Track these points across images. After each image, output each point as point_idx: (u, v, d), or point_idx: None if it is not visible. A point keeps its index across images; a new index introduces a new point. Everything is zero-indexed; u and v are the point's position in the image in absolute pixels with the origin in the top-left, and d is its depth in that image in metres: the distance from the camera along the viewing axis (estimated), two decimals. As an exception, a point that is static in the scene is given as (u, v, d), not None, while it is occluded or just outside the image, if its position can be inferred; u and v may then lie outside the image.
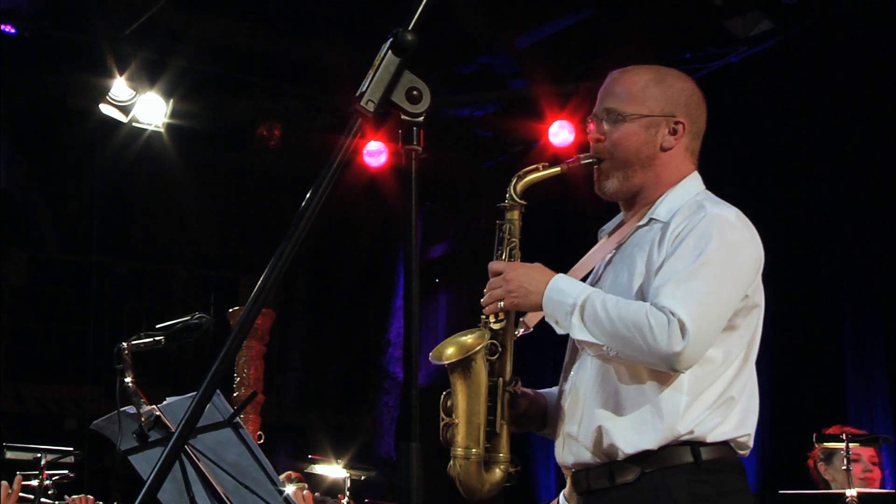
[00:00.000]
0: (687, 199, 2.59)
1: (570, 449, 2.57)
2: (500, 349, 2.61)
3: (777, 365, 5.96)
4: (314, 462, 5.74)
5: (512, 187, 2.67)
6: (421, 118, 1.79)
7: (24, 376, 9.89)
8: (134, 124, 7.44)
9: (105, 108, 7.26)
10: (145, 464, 2.96)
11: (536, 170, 2.67)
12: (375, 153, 8.16)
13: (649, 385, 2.47)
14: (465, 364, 2.57)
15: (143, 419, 2.74)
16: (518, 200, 2.67)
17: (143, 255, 10.51)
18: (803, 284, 6.44)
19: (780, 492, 4.70)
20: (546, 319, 2.56)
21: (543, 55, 7.48)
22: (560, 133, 7.69)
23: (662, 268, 2.46)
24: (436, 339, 9.77)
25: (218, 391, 2.68)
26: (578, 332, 2.45)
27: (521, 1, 7.24)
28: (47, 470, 4.76)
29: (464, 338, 2.60)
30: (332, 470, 5.78)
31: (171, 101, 7.47)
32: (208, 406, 2.28)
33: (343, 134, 1.78)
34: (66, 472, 4.89)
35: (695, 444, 2.46)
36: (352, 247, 10.35)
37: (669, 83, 2.67)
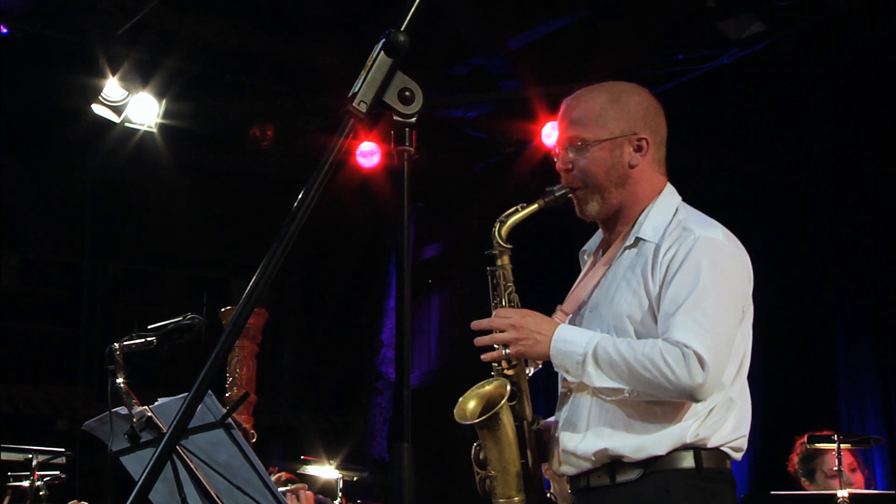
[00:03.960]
0: (669, 215, 2.62)
1: (570, 462, 2.62)
2: (518, 393, 2.65)
3: (769, 367, 5.97)
4: (306, 463, 5.74)
5: (496, 233, 2.69)
6: (413, 119, 1.80)
7: (15, 377, 9.86)
8: (126, 125, 7.43)
9: (97, 109, 7.25)
10: (137, 465, 2.95)
11: (516, 211, 2.70)
12: (368, 154, 8.16)
13: (658, 403, 2.52)
14: (493, 419, 2.61)
15: (134, 420, 2.73)
16: (505, 245, 2.70)
17: (135, 256, 10.50)
18: (794, 287, 6.45)
19: (772, 493, 4.71)
20: (555, 368, 2.59)
21: (536, 56, 7.49)
22: (553, 134, 7.69)
23: (663, 299, 2.51)
24: (428, 340, 9.77)
25: (210, 392, 2.67)
26: (598, 380, 2.50)
27: (513, 2, 7.24)
28: (38, 471, 4.75)
29: (483, 389, 2.63)
30: (325, 471, 5.78)
31: (164, 102, 7.46)
32: (200, 407, 2.28)
33: (335, 135, 1.78)
34: (58, 472, 4.88)
35: (697, 449, 2.53)
36: (344, 247, 10.34)
37: (625, 101, 2.69)
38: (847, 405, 6.22)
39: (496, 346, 2.64)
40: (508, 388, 2.61)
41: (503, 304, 2.67)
